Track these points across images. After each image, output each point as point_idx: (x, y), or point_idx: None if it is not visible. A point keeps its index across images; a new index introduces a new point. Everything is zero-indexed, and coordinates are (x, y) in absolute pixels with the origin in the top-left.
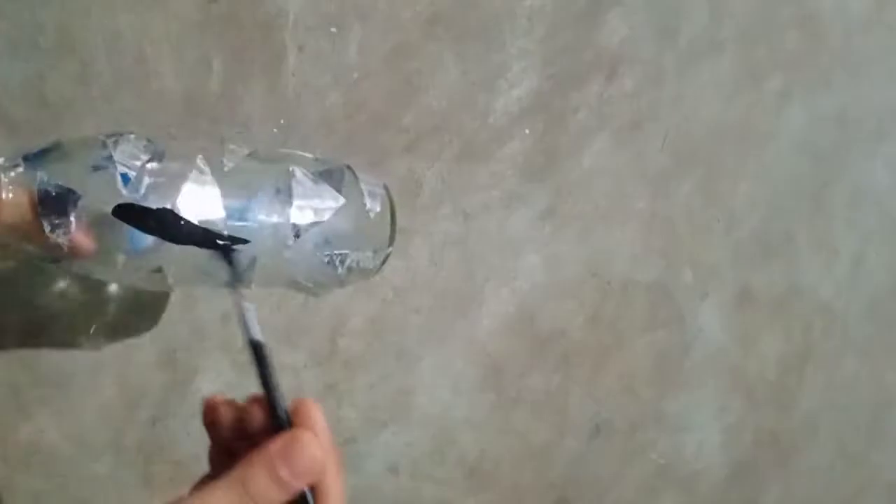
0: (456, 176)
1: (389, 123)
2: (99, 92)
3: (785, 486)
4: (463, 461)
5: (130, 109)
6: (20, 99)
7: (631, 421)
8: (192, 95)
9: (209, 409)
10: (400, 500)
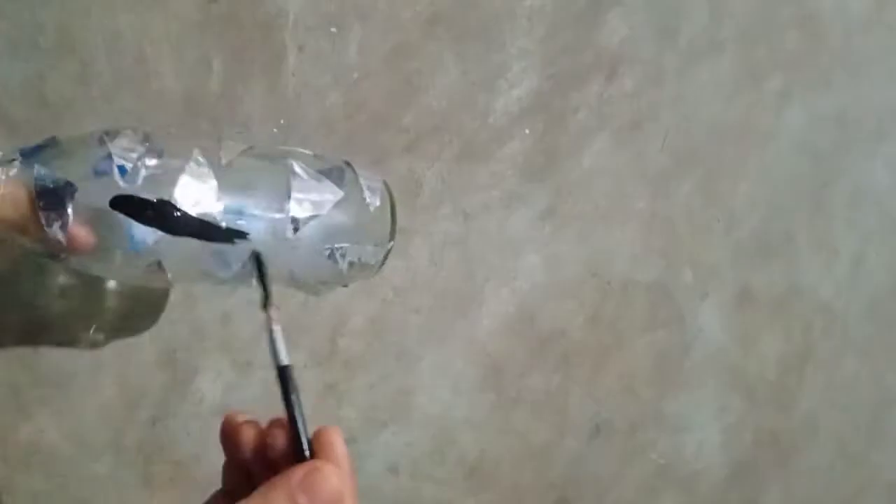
0: (456, 176)
1: (389, 123)
2: (99, 92)
3: (785, 486)
4: (463, 461)
5: (130, 109)
6: (20, 99)
7: (631, 421)
8: (192, 95)
9: (230, 427)
10: (400, 500)
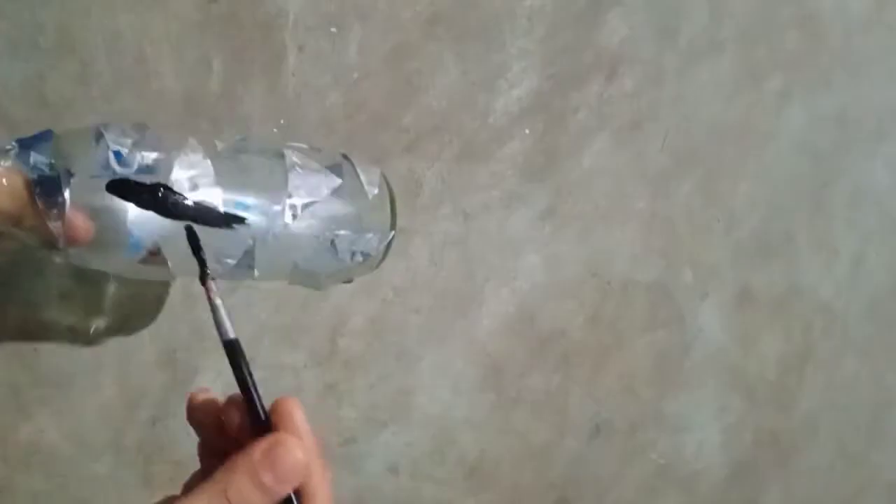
0: (456, 176)
1: (389, 123)
2: (99, 92)
3: (785, 486)
4: (463, 461)
5: (130, 109)
6: (20, 99)
7: (631, 421)
8: (192, 95)
9: (191, 406)
10: (400, 500)
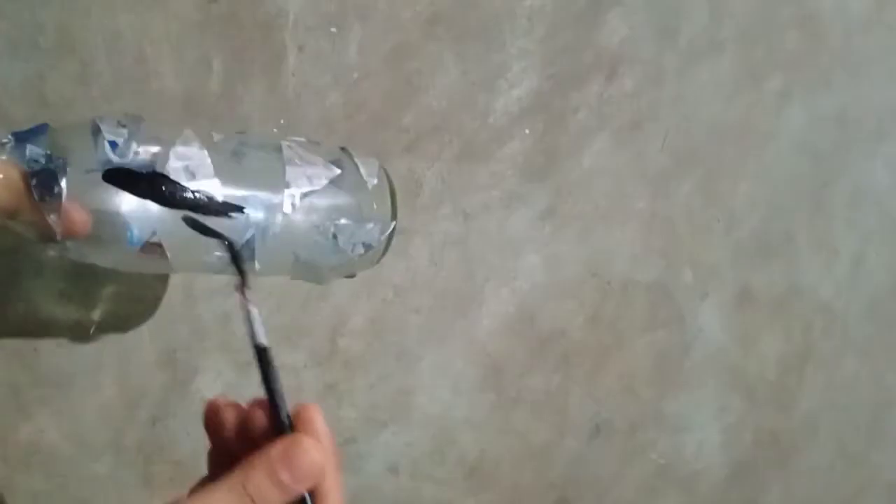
0: (456, 176)
1: (389, 123)
2: (99, 92)
3: (785, 486)
4: (463, 461)
5: (130, 109)
6: (20, 99)
7: (631, 421)
8: (192, 95)
9: (212, 411)
10: (400, 500)
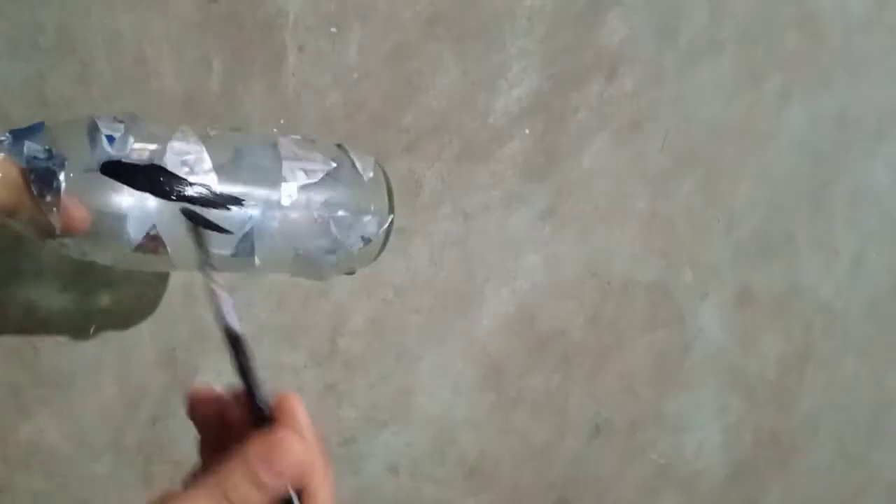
0: (456, 176)
1: (389, 123)
2: (99, 92)
3: (785, 486)
4: (463, 461)
5: (130, 109)
6: (20, 99)
7: (631, 421)
8: (192, 95)
9: (191, 401)
10: (400, 500)
